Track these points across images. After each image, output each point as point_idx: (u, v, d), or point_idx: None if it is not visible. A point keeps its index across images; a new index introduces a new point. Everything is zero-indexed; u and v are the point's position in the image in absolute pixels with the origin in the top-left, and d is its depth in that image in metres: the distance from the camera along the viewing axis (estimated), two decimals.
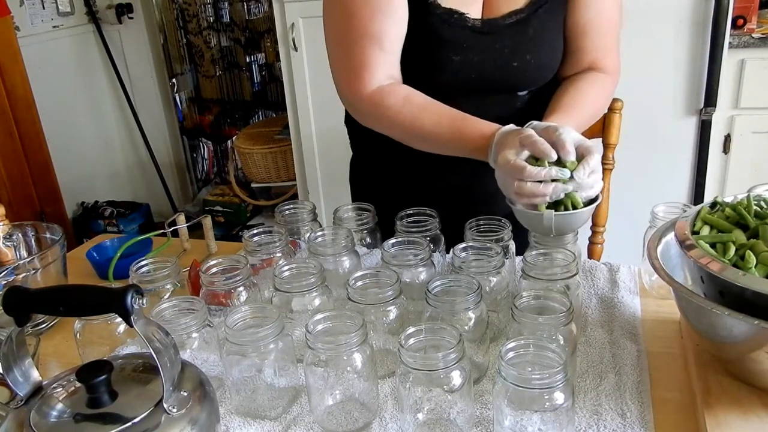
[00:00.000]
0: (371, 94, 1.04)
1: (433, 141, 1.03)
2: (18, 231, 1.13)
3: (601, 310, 0.96)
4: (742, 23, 2.06)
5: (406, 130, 1.04)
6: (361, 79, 1.03)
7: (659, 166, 2.11)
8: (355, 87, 1.04)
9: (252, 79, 3.60)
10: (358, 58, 1.03)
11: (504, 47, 1.06)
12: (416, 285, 0.91)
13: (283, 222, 1.12)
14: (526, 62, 1.07)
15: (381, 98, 1.04)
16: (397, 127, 1.05)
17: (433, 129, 1.01)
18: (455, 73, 1.06)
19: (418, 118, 1.02)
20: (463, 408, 0.71)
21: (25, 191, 2.75)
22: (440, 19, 1.04)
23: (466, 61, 1.06)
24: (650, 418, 0.74)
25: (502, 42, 1.06)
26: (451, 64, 1.06)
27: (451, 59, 1.05)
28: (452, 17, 1.04)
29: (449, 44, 1.05)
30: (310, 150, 2.46)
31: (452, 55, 1.05)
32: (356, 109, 1.09)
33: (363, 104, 1.06)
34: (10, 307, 0.64)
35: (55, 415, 0.63)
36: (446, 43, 1.05)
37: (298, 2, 2.22)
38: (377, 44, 1.02)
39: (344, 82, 1.07)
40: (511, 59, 1.07)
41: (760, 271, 0.68)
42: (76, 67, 3.25)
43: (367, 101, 1.04)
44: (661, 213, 0.96)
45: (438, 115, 1.02)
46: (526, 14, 1.05)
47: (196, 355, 0.83)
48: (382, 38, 1.02)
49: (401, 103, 1.03)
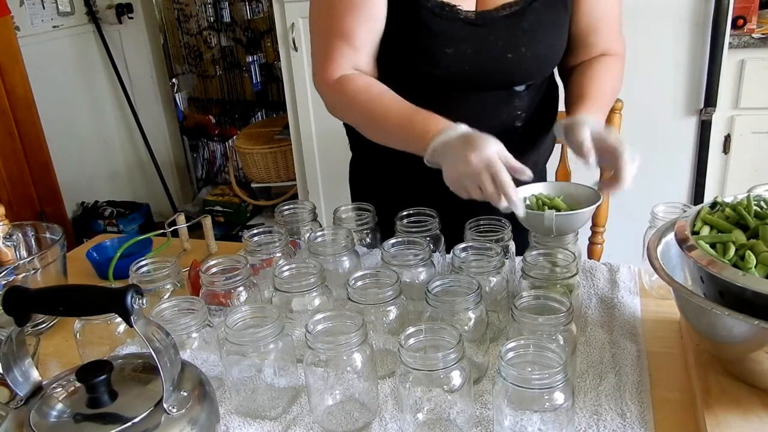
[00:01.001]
0: (335, 82, 1.07)
1: (381, 128, 1.04)
2: (18, 231, 1.13)
3: (601, 310, 0.96)
4: (742, 23, 2.06)
5: (360, 115, 1.07)
6: (327, 69, 1.07)
7: (659, 166, 2.11)
8: (321, 76, 1.08)
9: (252, 79, 3.60)
10: (326, 50, 1.07)
11: (498, 39, 1.06)
12: (416, 285, 0.91)
13: (283, 222, 1.12)
14: (521, 54, 1.07)
15: (342, 85, 1.06)
16: (353, 113, 1.08)
17: (383, 114, 1.02)
18: (449, 66, 1.07)
19: (370, 102, 1.04)
20: (463, 408, 0.71)
21: (25, 191, 2.75)
22: (431, 12, 1.04)
23: (459, 53, 1.06)
24: (650, 418, 0.74)
25: (496, 34, 1.06)
26: (444, 57, 1.06)
27: (444, 52, 1.06)
28: (443, 10, 1.04)
29: (441, 37, 1.05)
30: (310, 150, 2.46)
31: (445, 47, 1.05)
32: (323, 98, 1.12)
33: (327, 92, 1.09)
34: (10, 307, 0.64)
35: (55, 415, 0.63)
36: (438, 36, 1.05)
37: (298, 2, 2.22)
38: (346, 41, 1.06)
39: (315, 72, 1.11)
40: (505, 51, 1.07)
41: (760, 271, 0.68)
42: (76, 67, 3.25)
43: (331, 89, 1.07)
44: (661, 213, 0.96)
45: (391, 101, 1.03)
46: (521, 7, 1.06)
47: (196, 355, 0.83)
48: (351, 36, 1.05)
49: (359, 89, 1.05)
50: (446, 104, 1.10)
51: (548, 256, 0.89)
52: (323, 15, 1.09)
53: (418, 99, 1.03)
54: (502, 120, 1.13)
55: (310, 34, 1.13)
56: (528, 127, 1.15)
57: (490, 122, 1.12)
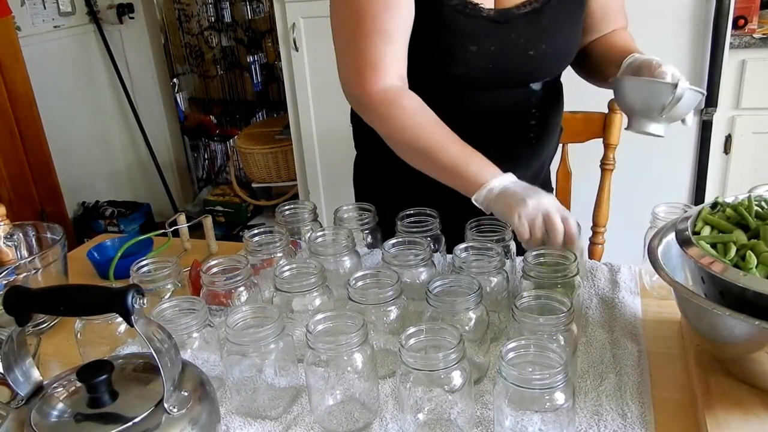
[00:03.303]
0: (383, 90, 1.02)
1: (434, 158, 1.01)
2: (19, 231, 1.13)
3: (602, 310, 0.96)
4: (743, 23, 2.06)
5: (412, 137, 1.02)
6: (374, 75, 1.02)
7: (660, 166, 2.11)
8: (367, 82, 1.03)
9: (253, 79, 3.60)
10: (370, 53, 1.02)
11: (519, 37, 1.07)
12: (417, 285, 0.91)
13: (284, 222, 1.12)
14: (541, 51, 1.08)
15: (395, 97, 1.02)
16: (405, 130, 1.03)
17: (441, 144, 1.00)
18: (473, 65, 1.06)
19: (429, 130, 1.01)
20: (464, 408, 0.71)
21: (26, 191, 2.75)
22: (454, 11, 1.04)
23: (483, 51, 1.06)
24: (651, 418, 0.74)
25: (517, 32, 1.06)
26: (467, 54, 1.06)
27: (469, 49, 1.05)
28: (466, 8, 1.04)
29: (465, 35, 1.05)
30: (310, 150, 2.46)
31: (469, 45, 1.05)
32: (365, 105, 1.06)
33: (373, 100, 1.04)
34: (10, 307, 0.64)
35: (55, 415, 0.63)
36: (462, 34, 1.05)
37: (299, 2, 2.22)
38: (387, 39, 1.02)
39: (354, 78, 1.05)
40: (527, 48, 1.07)
41: (761, 271, 0.68)
42: (77, 66, 3.26)
43: (379, 97, 1.03)
44: (662, 213, 0.96)
45: (449, 136, 1.00)
46: (540, 4, 1.06)
47: (197, 355, 0.83)
48: (391, 33, 1.02)
49: (417, 108, 1.02)
50: (465, 104, 1.10)
51: (548, 256, 0.89)
52: (357, 16, 1.03)
53: (438, 99, 1.03)
54: (519, 118, 1.14)
55: (337, 38, 1.08)
56: (541, 125, 1.16)
57: (507, 121, 1.13)
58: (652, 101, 0.95)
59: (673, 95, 0.92)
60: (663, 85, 0.94)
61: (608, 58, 1.12)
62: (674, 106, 0.94)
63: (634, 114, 1.00)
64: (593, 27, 1.18)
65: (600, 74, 1.15)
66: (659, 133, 0.99)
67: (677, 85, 0.93)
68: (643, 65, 1.00)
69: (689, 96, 0.94)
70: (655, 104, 0.95)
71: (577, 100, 1.34)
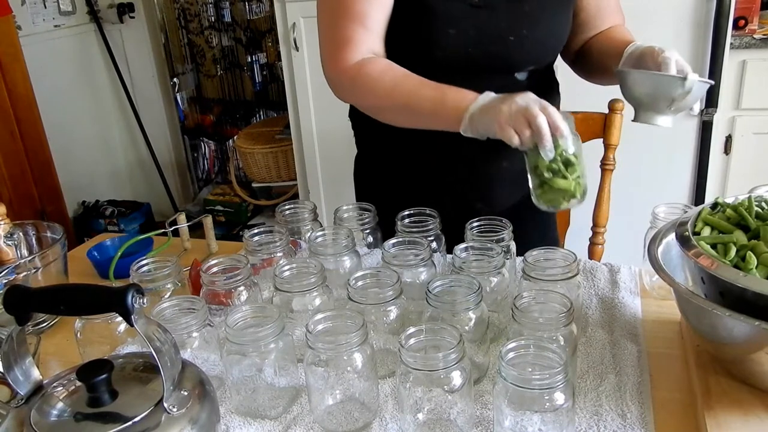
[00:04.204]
0: (352, 66, 1.05)
1: (412, 106, 1.02)
2: (19, 230, 1.13)
3: (602, 310, 0.96)
4: (743, 24, 2.06)
5: (385, 96, 1.04)
6: (345, 53, 1.05)
7: (660, 166, 2.11)
8: (338, 61, 1.06)
9: (253, 78, 3.60)
10: (341, 34, 1.06)
11: (500, 21, 1.07)
12: (417, 285, 0.91)
13: (284, 222, 1.12)
14: (522, 36, 1.08)
15: (360, 67, 1.04)
16: (376, 95, 1.05)
17: (414, 93, 1.01)
18: (451, 48, 1.07)
19: (399, 83, 1.02)
20: (464, 408, 0.71)
21: (26, 190, 2.75)
22: None
23: (461, 34, 1.06)
24: (650, 418, 0.74)
25: (498, 16, 1.07)
26: (446, 37, 1.06)
27: (447, 32, 1.06)
28: None
29: (444, 18, 1.05)
30: (310, 150, 2.46)
31: (448, 28, 1.06)
32: (336, 82, 1.10)
33: (343, 77, 1.07)
34: (10, 306, 0.64)
35: (55, 414, 0.63)
36: (441, 17, 1.05)
37: (299, 2, 2.22)
38: (360, 23, 1.05)
39: (328, 59, 1.09)
40: (507, 33, 1.08)
41: (761, 272, 0.68)
42: (77, 66, 3.26)
43: (349, 74, 1.05)
44: (662, 213, 0.96)
45: (420, 81, 1.02)
46: None
47: (197, 354, 0.83)
48: (366, 15, 1.04)
49: (382, 70, 1.04)
50: None
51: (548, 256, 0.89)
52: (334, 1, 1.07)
53: None
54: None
55: (318, 24, 1.12)
56: None
57: None
58: (660, 94, 0.93)
59: (682, 88, 0.91)
60: (672, 79, 0.92)
61: (608, 50, 1.12)
62: (683, 99, 0.93)
63: (642, 106, 0.99)
64: (588, 23, 1.18)
65: (601, 69, 1.15)
66: (667, 125, 0.97)
67: (686, 78, 0.92)
68: (645, 53, 0.99)
69: (698, 87, 0.93)
70: (664, 97, 0.93)
71: (577, 100, 1.34)
